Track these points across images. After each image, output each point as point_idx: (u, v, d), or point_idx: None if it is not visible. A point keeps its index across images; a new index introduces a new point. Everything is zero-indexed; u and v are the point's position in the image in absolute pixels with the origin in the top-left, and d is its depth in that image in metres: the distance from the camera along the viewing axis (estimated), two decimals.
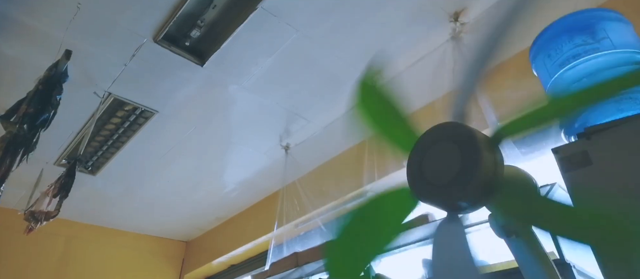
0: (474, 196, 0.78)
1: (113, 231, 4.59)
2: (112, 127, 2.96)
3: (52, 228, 2.66)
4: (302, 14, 2.11)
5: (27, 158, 2.00)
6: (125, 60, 2.35)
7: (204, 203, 4.08)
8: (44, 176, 2.75)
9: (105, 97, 2.59)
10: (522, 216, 0.83)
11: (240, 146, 3.22)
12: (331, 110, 2.81)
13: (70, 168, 2.36)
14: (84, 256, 4.31)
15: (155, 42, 2.22)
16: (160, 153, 3.25)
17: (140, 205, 4.13)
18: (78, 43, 2.20)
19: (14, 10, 2.05)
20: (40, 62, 2.16)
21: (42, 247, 4.03)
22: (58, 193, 2.30)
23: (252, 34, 2.18)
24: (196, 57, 2.36)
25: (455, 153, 0.80)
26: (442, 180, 0.81)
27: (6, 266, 3.84)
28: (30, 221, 2.39)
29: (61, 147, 3.12)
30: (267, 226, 3.41)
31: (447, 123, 0.88)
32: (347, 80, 2.54)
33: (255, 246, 3.99)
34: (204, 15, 2.12)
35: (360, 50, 2.33)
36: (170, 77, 2.49)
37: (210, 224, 4.59)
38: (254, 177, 3.62)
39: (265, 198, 3.95)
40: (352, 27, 2.19)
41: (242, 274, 4.35)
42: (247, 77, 2.51)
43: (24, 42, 2.23)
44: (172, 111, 2.80)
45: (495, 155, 0.78)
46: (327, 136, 3.05)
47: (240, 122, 2.95)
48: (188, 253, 5.02)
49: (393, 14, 2.11)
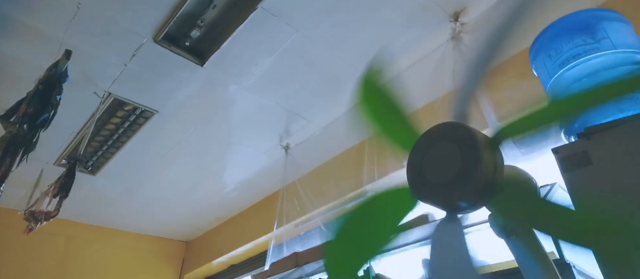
0: (474, 197, 0.78)
1: (113, 231, 4.59)
2: (112, 127, 2.96)
3: (52, 228, 2.66)
4: (302, 14, 2.11)
5: (26, 158, 2.00)
6: (125, 60, 2.35)
7: (204, 203, 4.08)
8: (44, 176, 2.74)
9: (105, 97, 2.59)
10: (521, 217, 0.83)
11: (240, 146, 3.22)
12: (331, 110, 2.81)
13: (70, 168, 2.36)
14: (84, 256, 4.31)
15: (155, 42, 2.22)
16: (160, 153, 3.25)
17: (140, 205, 4.13)
18: (78, 43, 2.20)
19: (14, 10, 2.05)
20: (40, 62, 2.16)
21: (42, 247, 4.03)
22: (58, 193, 2.30)
23: (252, 34, 2.18)
24: (196, 57, 2.36)
25: (456, 153, 0.80)
26: (442, 180, 0.81)
27: (6, 266, 3.84)
28: (30, 221, 2.39)
29: (61, 147, 3.12)
30: (267, 226, 3.41)
31: (447, 123, 0.88)
32: (347, 80, 2.54)
33: (255, 246, 3.99)
34: (204, 15, 2.11)
35: (360, 50, 2.33)
36: (170, 77, 2.49)
37: (210, 224, 4.59)
38: (254, 177, 3.62)
39: (265, 198, 3.95)
40: (352, 27, 2.19)
41: (242, 274, 4.35)
42: (247, 77, 2.51)
43: (24, 42, 2.23)
44: (172, 111, 2.80)
45: (495, 156, 0.78)
46: (327, 136, 3.05)
47: (240, 122, 2.95)
48: (188, 253, 5.02)
49: (393, 14, 2.11)
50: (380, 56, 1.12)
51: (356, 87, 1.09)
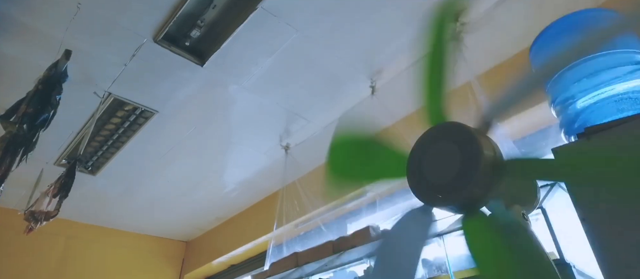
0: (461, 206, 0.79)
1: (113, 231, 4.59)
2: (112, 127, 2.96)
3: (52, 228, 2.66)
4: (302, 14, 2.11)
5: (26, 158, 2.00)
6: (125, 60, 2.35)
7: (204, 203, 4.08)
8: (44, 176, 2.75)
9: (105, 97, 2.59)
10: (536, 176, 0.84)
11: (240, 146, 3.22)
12: (331, 110, 2.81)
13: (70, 168, 2.36)
14: (84, 256, 4.31)
15: (155, 42, 2.22)
16: (160, 153, 3.25)
17: (140, 205, 4.13)
18: (78, 43, 2.20)
19: (14, 10, 2.05)
20: (40, 62, 2.16)
21: (42, 247, 4.03)
22: (58, 193, 2.30)
23: (252, 34, 2.18)
24: (196, 57, 2.36)
25: (456, 159, 0.80)
26: (441, 180, 0.81)
27: (6, 266, 3.84)
28: (30, 221, 2.39)
29: (61, 147, 3.12)
30: (267, 226, 3.41)
31: (448, 123, 0.88)
32: (347, 80, 2.54)
33: (255, 246, 3.99)
34: (204, 15, 2.11)
35: (360, 50, 2.33)
36: (170, 77, 2.49)
37: (210, 224, 4.60)
38: (254, 177, 3.62)
39: (265, 198, 3.96)
40: (352, 27, 2.19)
41: (242, 274, 4.35)
42: (247, 77, 2.51)
43: (24, 42, 2.23)
44: (172, 111, 2.80)
45: (493, 178, 0.78)
46: (327, 136, 3.03)
47: (240, 121, 2.95)
48: (188, 253, 5.02)
49: (393, 14, 2.11)
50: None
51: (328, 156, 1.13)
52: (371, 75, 2.50)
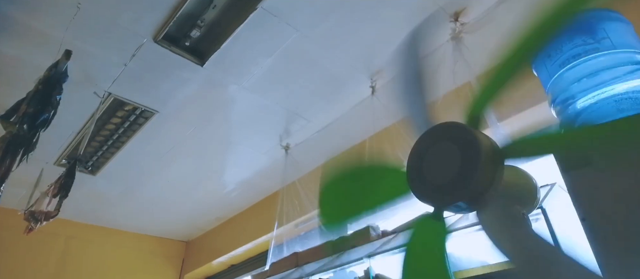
0: (470, 199, 0.79)
1: (113, 231, 4.59)
2: (112, 127, 2.96)
3: (52, 228, 2.66)
4: (302, 14, 2.11)
5: (27, 158, 2.00)
6: (125, 60, 2.35)
7: (204, 203, 4.08)
8: (44, 176, 2.75)
9: (105, 97, 2.59)
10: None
11: (240, 146, 3.22)
12: (331, 110, 2.81)
13: (70, 168, 2.36)
14: (84, 256, 4.31)
15: (155, 42, 2.22)
16: (160, 153, 3.25)
17: (140, 205, 4.13)
18: (78, 43, 2.20)
19: (14, 10, 2.05)
20: (40, 62, 2.16)
21: (42, 247, 4.03)
22: (58, 193, 2.30)
23: (252, 34, 2.18)
24: (196, 57, 2.36)
25: (456, 155, 0.80)
26: (446, 179, 0.81)
27: (6, 266, 3.84)
28: (30, 221, 2.39)
29: (61, 147, 3.12)
30: (267, 226, 3.41)
31: (437, 126, 0.88)
32: (347, 80, 2.54)
33: (255, 246, 3.99)
34: (204, 15, 2.11)
35: (360, 50, 2.33)
36: (170, 77, 2.49)
37: (210, 224, 4.59)
38: (254, 177, 3.62)
39: (265, 198, 3.95)
40: (352, 27, 2.19)
41: (242, 274, 4.35)
42: (247, 77, 2.51)
43: (24, 42, 2.23)
44: (172, 111, 2.80)
45: (495, 165, 0.78)
46: (327, 136, 3.05)
47: (240, 121, 2.95)
48: (188, 253, 5.02)
49: (393, 14, 2.11)
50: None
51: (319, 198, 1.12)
52: (371, 75, 2.50)
